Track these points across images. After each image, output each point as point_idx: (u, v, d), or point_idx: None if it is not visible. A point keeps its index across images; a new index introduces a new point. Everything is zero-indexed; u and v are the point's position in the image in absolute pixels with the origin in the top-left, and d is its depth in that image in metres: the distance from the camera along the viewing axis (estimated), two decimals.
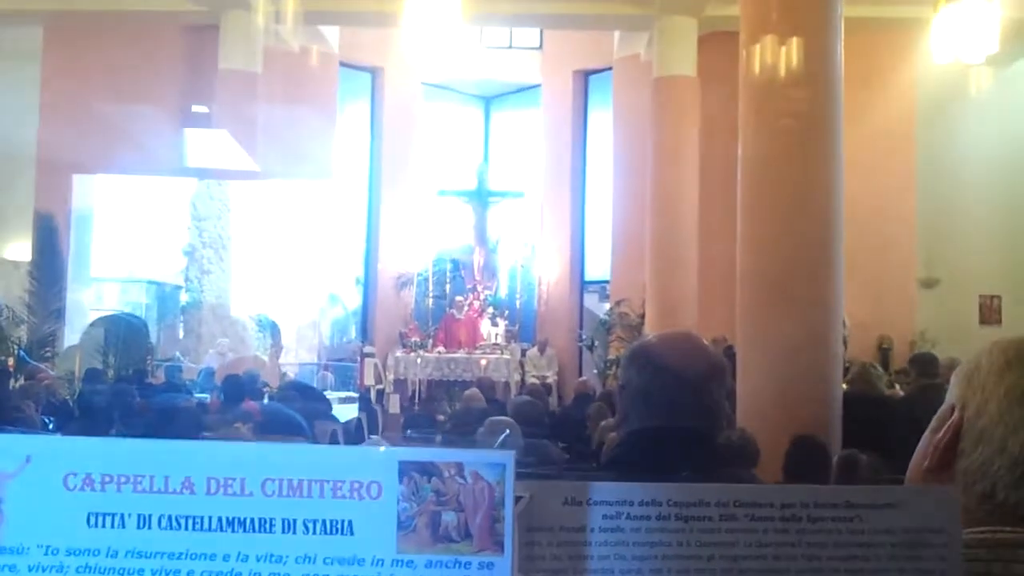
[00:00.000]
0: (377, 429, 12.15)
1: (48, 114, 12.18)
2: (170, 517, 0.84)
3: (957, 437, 1.02)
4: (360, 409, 11.67)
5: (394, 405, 13.87)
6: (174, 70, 13.00)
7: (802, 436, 4.86)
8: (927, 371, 6.10)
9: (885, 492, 0.84)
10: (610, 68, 14.56)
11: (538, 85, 15.84)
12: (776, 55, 6.29)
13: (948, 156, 12.82)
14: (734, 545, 0.83)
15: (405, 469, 0.82)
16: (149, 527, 0.84)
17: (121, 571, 0.83)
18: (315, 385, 13.20)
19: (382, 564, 0.82)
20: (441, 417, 10.87)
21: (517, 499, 0.82)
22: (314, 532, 0.83)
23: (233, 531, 0.83)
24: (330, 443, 8.97)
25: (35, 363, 10.43)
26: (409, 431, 5.40)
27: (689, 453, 1.54)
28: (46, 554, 0.83)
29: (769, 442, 4.73)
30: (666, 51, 12.01)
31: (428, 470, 0.82)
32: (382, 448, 0.84)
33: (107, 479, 0.84)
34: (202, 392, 10.56)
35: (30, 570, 0.83)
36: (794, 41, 6.23)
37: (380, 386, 14.13)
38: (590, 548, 0.83)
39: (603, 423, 5.82)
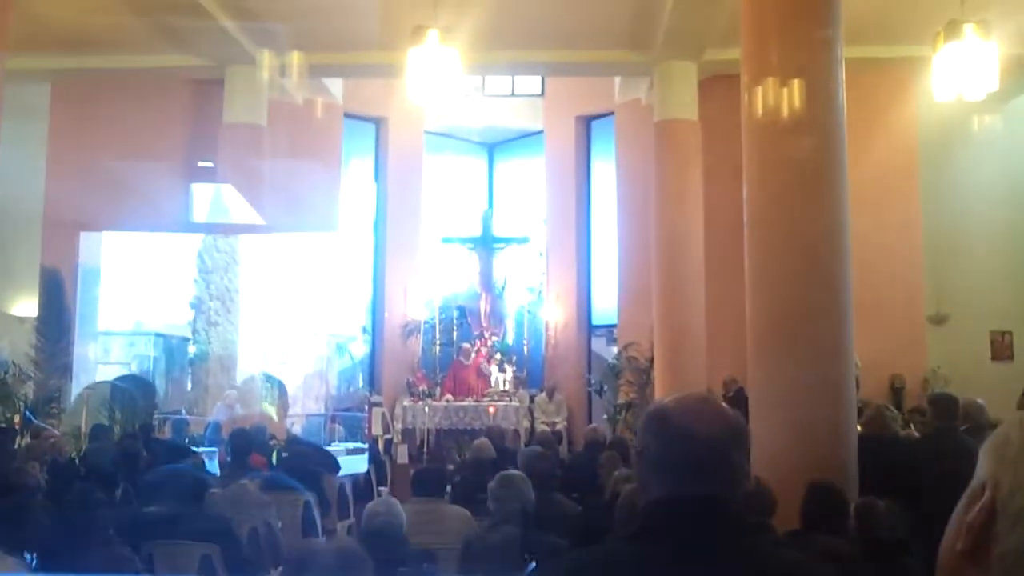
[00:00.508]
0: (386, 481, 12.02)
1: (55, 170, 12.27)
2: None
3: (991, 518, 0.95)
4: (369, 461, 11.55)
5: (402, 455, 13.72)
6: (179, 125, 13.11)
7: (819, 483, 4.76)
8: (946, 414, 5.98)
9: None
10: (612, 113, 14.64)
11: (541, 131, 15.93)
12: (777, 97, 6.30)
13: (952, 193, 12.81)
14: None
15: None
16: None
17: None
18: (323, 436, 13.13)
19: None
20: (451, 467, 10.74)
21: None
22: None
23: None
24: (339, 497, 8.88)
25: (39, 422, 10.36)
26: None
27: (714, 522, 1.49)
28: None
29: (785, 489, 4.64)
30: (667, 95, 12.07)
31: None
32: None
33: None
34: (209, 446, 10.48)
35: None
36: (795, 83, 6.24)
37: (388, 435, 14.00)
38: None
39: (616, 473, 5.72)
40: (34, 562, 4.07)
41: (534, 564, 4.00)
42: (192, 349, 13.89)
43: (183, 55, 11.85)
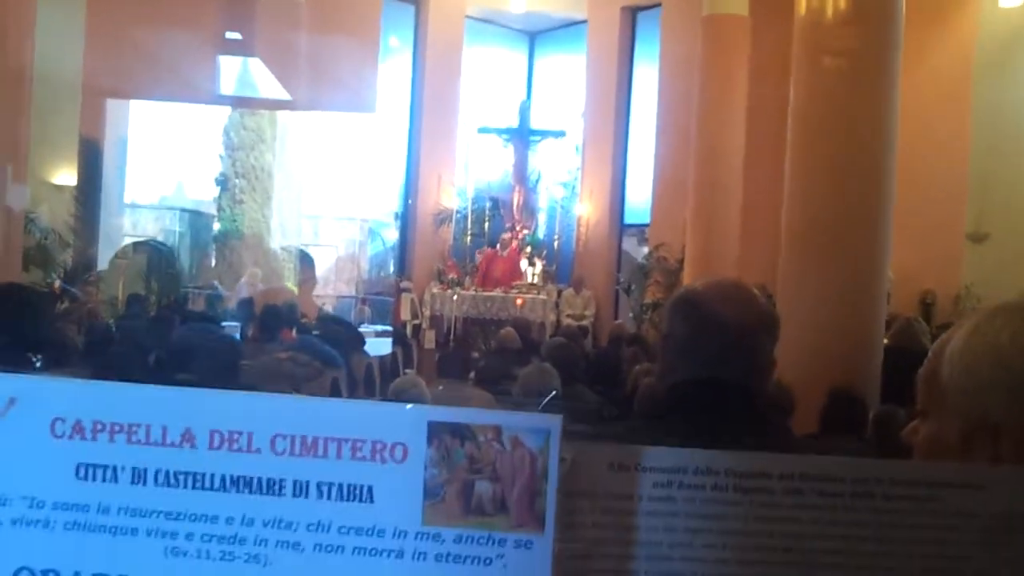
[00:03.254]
0: (412, 364, 12.24)
1: (93, 39, 12.15)
2: (167, 472, 0.74)
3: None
4: (395, 343, 11.74)
5: (429, 341, 13.94)
6: None
7: (840, 389, 4.78)
8: None
9: (973, 472, 0.74)
10: (659, 5, 14.17)
11: (584, 21, 15.49)
12: None
13: (1007, 107, 12.35)
14: (797, 522, 0.74)
15: (435, 431, 0.72)
16: (144, 482, 0.75)
17: (113, 529, 0.75)
18: (352, 318, 13.33)
19: (405, 536, 0.73)
20: (476, 354, 10.90)
21: (560, 460, 0.72)
22: (329, 497, 0.74)
23: (238, 491, 0.74)
24: (365, 377, 9.06)
25: (75, 290, 10.57)
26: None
27: (735, 409, 1.47)
28: (31, 507, 0.75)
29: (806, 394, 4.66)
30: None
31: (461, 433, 0.72)
32: (409, 407, 0.73)
33: (99, 427, 0.75)
34: (234, 320, 10.67)
35: (13, 523, 0.75)
36: None
37: (416, 321, 14.20)
38: (637, 518, 0.74)
39: (638, 367, 5.78)
40: None
41: (553, 393, 4.04)
42: (217, 226, 13.99)
43: None
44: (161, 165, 14.06)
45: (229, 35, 12.32)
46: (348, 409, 0.77)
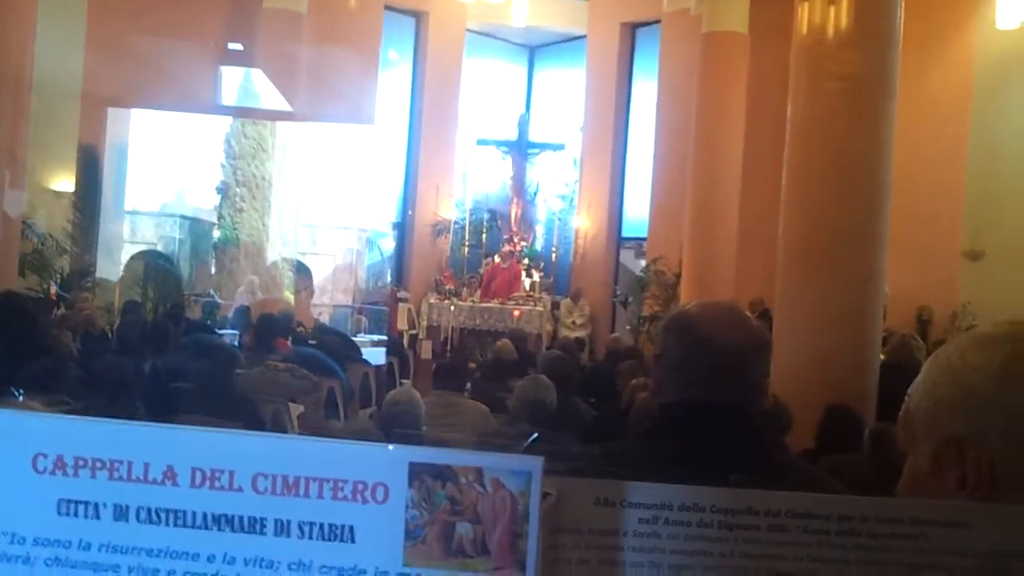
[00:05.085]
0: (408, 374, 12.23)
1: (93, 46, 12.17)
2: (149, 509, 0.74)
3: (992, 469, 0.93)
4: (392, 353, 11.73)
5: (426, 351, 13.93)
6: (218, 6, 12.92)
7: (836, 406, 4.78)
8: None
9: (958, 510, 0.74)
10: (658, 21, 14.23)
11: (584, 36, 15.55)
12: (831, 13, 6.08)
13: (1004, 126, 12.39)
14: (783, 559, 0.74)
15: (416, 471, 0.72)
16: (126, 519, 0.74)
17: (94, 566, 0.74)
18: (349, 327, 13.32)
19: None
20: (472, 366, 10.89)
21: (543, 496, 0.72)
22: (310, 536, 0.73)
23: (219, 529, 0.74)
24: (362, 385, 9.05)
25: (71, 297, 10.56)
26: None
27: (727, 429, 1.48)
28: (12, 542, 0.75)
29: (802, 411, 4.67)
30: (717, 5, 11.68)
31: (442, 474, 0.72)
32: (390, 447, 0.73)
33: (81, 463, 0.74)
34: (232, 329, 10.66)
35: None
36: None
37: (413, 331, 14.19)
38: (622, 554, 0.74)
39: (634, 381, 5.77)
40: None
41: (535, 435, 4.05)
42: (217, 234, 14.02)
43: None
44: (162, 172, 14.07)
45: (231, 46, 12.37)
46: (330, 449, 0.77)
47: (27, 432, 0.76)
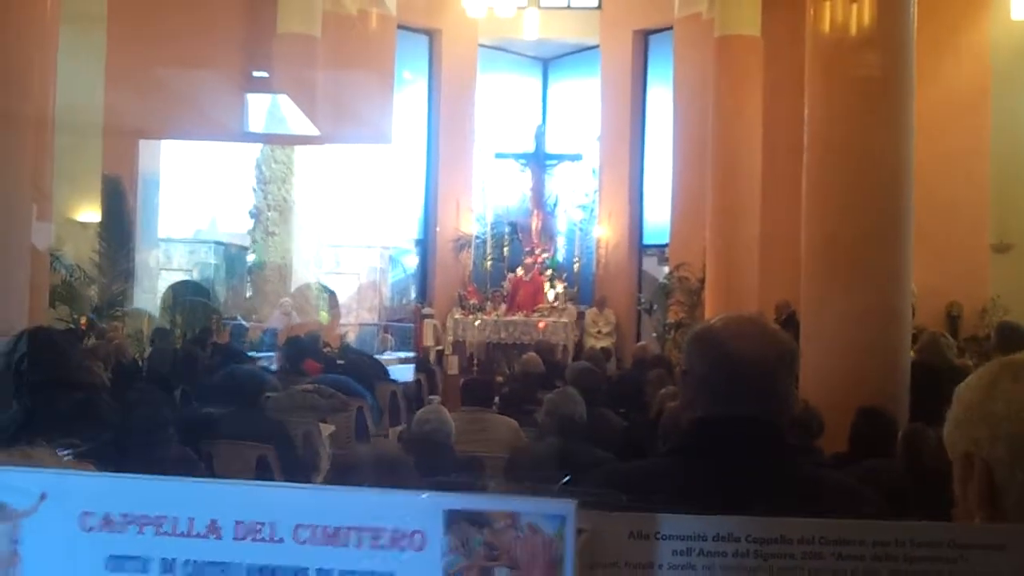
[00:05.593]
0: (436, 390, 12.26)
1: (114, 79, 12.35)
2: (195, 562, 0.76)
3: (991, 480, 0.96)
4: (419, 370, 11.77)
5: (453, 366, 13.96)
6: (233, 35, 13.06)
7: (868, 408, 4.73)
8: (1012, 344, 5.74)
9: (994, 532, 0.75)
10: (671, 28, 14.24)
11: (596, 46, 15.58)
12: (845, 13, 6.07)
13: None
14: None
15: (452, 518, 0.73)
16: (173, 573, 0.77)
17: None
18: (375, 346, 13.38)
19: None
20: (500, 379, 10.91)
21: (578, 532, 0.73)
22: None
23: None
24: (390, 404, 9.09)
25: (103, 325, 10.69)
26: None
27: (756, 444, 1.48)
28: None
29: (834, 414, 4.64)
30: (729, 9, 11.68)
31: (478, 520, 0.73)
32: (425, 495, 0.74)
33: (127, 519, 0.77)
34: (267, 351, 10.75)
35: None
36: None
37: (439, 347, 14.24)
38: None
39: (663, 391, 5.75)
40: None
41: (568, 478, 4.06)
42: (251, 258, 14.16)
43: None
44: (195, 200, 14.27)
45: (256, 74, 12.50)
46: (367, 498, 0.78)
47: (74, 492, 0.79)
